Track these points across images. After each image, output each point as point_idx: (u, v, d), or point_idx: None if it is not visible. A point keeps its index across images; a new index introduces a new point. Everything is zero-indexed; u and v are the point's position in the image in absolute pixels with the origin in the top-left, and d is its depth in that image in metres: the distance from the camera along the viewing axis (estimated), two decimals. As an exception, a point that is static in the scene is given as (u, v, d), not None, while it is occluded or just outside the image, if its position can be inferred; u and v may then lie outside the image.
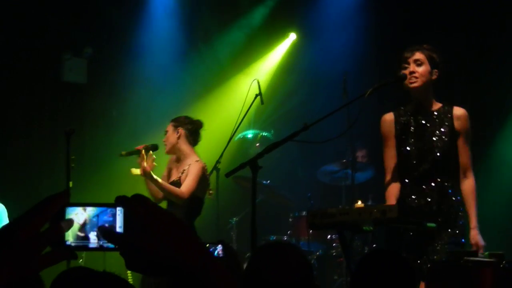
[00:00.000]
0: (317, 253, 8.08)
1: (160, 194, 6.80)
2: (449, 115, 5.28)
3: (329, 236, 8.08)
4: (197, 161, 6.74)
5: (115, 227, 1.40)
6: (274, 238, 8.08)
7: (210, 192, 7.03)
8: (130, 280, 7.12)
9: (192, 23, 10.08)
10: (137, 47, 9.70)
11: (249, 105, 7.17)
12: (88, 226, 1.41)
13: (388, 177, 5.44)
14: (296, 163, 9.66)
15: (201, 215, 8.22)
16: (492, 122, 8.73)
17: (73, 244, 1.41)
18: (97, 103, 9.40)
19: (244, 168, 4.94)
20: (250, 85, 7.31)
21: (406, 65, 5.26)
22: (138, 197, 1.36)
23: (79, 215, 1.41)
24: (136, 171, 6.55)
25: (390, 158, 5.45)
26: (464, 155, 5.30)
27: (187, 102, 9.83)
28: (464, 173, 5.30)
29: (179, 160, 6.90)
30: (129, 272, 7.50)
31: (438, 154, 5.25)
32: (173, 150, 6.89)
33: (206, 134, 8.89)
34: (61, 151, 6.65)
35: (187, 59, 9.99)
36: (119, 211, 1.41)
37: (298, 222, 8.13)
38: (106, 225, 1.40)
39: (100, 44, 9.43)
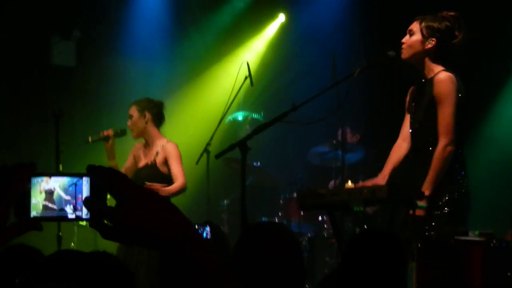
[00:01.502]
0: (308, 235, 8.08)
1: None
2: (431, 82, 5.17)
3: (320, 218, 8.08)
4: (168, 142, 6.74)
5: (82, 197, 1.40)
6: (265, 219, 8.08)
7: None
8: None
9: (180, 5, 10.03)
10: (125, 30, 9.66)
11: (238, 87, 7.15)
12: (57, 197, 1.40)
13: (397, 142, 5.49)
14: (287, 145, 9.65)
15: (192, 198, 8.22)
16: (481, 99, 8.72)
17: (39, 215, 1.40)
18: (86, 86, 9.36)
19: (234, 149, 4.95)
20: (240, 67, 7.28)
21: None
22: (112, 169, 1.36)
23: (45, 184, 1.40)
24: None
25: (402, 128, 5.49)
26: (439, 120, 5.07)
27: (176, 85, 9.81)
28: (438, 139, 5.08)
29: (147, 144, 6.87)
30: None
31: (421, 124, 5.23)
32: (141, 134, 6.86)
33: (196, 117, 8.90)
34: (50, 135, 6.62)
35: (175, 41, 9.95)
36: (86, 181, 1.40)
37: (289, 203, 8.12)
38: (82, 196, 1.40)
39: (89, 27, 9.38)
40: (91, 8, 9.33)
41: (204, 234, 6.05)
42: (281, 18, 10.12)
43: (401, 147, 5.41)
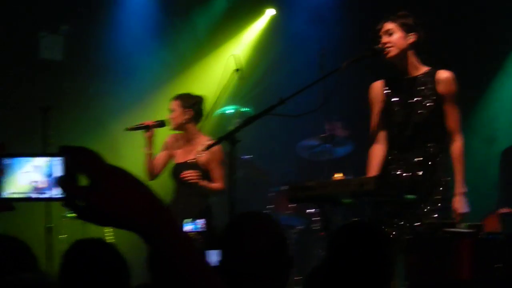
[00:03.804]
0: (298, 228, 8.09)
1: (157, 170, 6.83)
2: (433, 79, 5.24)
3: (310, 210, 8.09)
4: (209, 140, 6.63)
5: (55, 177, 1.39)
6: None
7: None
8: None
9: (170, -2, 10.03)
10: (114, 23, 9.63)
11: (228, 81, 7.15)
12: (30, 176, 1.40)
13: (373, 145, 5.44)
14: (276, 138, 9.65)
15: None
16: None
17: (11, 196, 1.39)
18: (74, 80, 9.34)
19: (222, 142, 4.95)
20: (228, 60, 7.27)
21: (379, 39, 5.26)
22: (85, 149, 1.35)
23: (18, 165, 1.40)
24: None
25: (376, 126, 5.44)
26: (450, 118, 5.24)
27: (165, 78, 9.79)
28: (452, 137, 5.25)
29: (187, 140, 6.88)
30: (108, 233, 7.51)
31: (420, 120, 5.22)
32: (181, 129, 6.87)
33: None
34: (38, 129, 6.61)
35: (165, 35, 9.93)
36: (59, 161, 1.40)
37: (279, 197, 8.14)
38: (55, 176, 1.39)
39: (77, 21, 9.35)
40: (80, 2, 9.30)
41: (198, 227, 6.09)
42: (271, 12, 10.11)
43: (380, 150, 5.40)
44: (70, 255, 3.01)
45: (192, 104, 6.83)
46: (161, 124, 6.82)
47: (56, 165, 1.40)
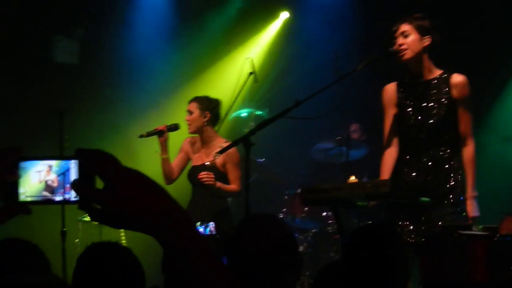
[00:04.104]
0: (313, 231, 8.09)
1: (175, 174, 6.84)
2: (447, 83, 5.23)
3: (324, 213, 8.09)
4: (226, 142, 6.62)
5: (70, 180, 1.40)
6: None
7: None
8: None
9: (184, 2, 10.04)
10: (129, 27, 9.67)
11: (243, 84, 7.16)
12: (46, 180, 1.41)
13: (386, 147, 5.43)
14: (291, 141, 9.65)
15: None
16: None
17: (27, 199, 1.40)
18: (89, 84, 9.38)
19: (237, 145, 4.96)
20: (244, 64, 7.29)
21: (394, 40, 5.26)
22: (101, 152, 1.35)
23: (38, 170, 1.41)
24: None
25: (390, 128, 5.43)
26: (463, 122, 5.23)
27: (180, 82, 9.82)
28: (464, 141, 5.24)
29: (204, 143, 6.87)
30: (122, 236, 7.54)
31: (434, 124, 5.21)
32: (198, 132, 6.83)
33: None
34: (54, 132, 6.64)
35: (178, 38, 9.95)
36: (74, 164, 1.40)
37: (293, 199, 8.13)
38: (71, 179, 1.40)
39: (92, 25, 9.40)
40: (95, 6, 9.34)
41: (208, 230, 6.09)
42: (285, 15, 10.13)
43: (392, 154, 5.39)
44: (85, 259, 3.02)
45: (211, 107, 6.81)
46: (174, 128, 6.80)
47: (71, 168, 1.41)
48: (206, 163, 6.72)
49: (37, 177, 1.41)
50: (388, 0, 9.16)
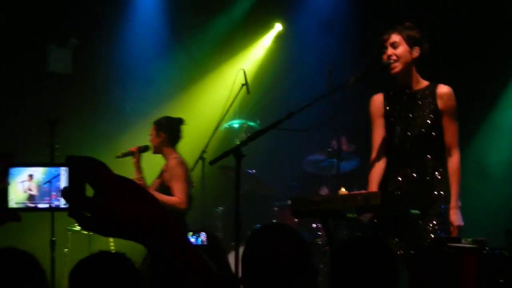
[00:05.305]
0: (303, 242, 8.07)
1: None
2: (433, 94, 5.25)
3: (314, 225, 8.08)
4: (174, 157, 6.92)
5: (60, 187, 1.40)
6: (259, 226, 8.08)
7: (192, 184, 7.12)
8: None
9: (177, 13, 10.06)
10: (122, 38, 9.69)
11: (235, 95, 7.18)
12: (36, 187, 1.41)
13: (373, 158, 5.43)
14: (282, 153, 9.66)
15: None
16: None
17: (18, 206, 1.40)
18: (81, 93, 9.38)
19: (228, 156, 4.95)
20: (236, 75, 7.31)
21: (384, 50, 5.27)
22: (92, 159, 1.34)
23: (25, 175, 1.41)
24: None
25: (377, 139, 5.44)
26: (448, 133, 5.25)
27: (173, 93, 9.83)
28: (449, 152, 5.26)
29: (165, 161, 7.07)
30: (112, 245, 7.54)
31: (419, 134, 5.23)
32: (157, 151, 7.07)
33: (192, 124, 8.88)
34: (46, 141, 6.64)
35: (171, 50, 9.97)
36: (64, 171, 1.40)
37: (284, 211, 8.13)
38: (61, 186, 1.40)
39: (85, 35, 9.41)
40: (88, 16, 9.35)
41: (200, 241, 6.07)
42: (277, 27, 10.16)
43: (380, 165, 5.40)
44: (80, 270, 2.99)
45: (166, 127, 7.02)
46: (144, 149, 7.06)
47: (62, 175, 1.41)
48: (159, 181, 6.97)
49: (21, 186, 1.41)
50: (383, 11, 9.17)
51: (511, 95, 8.82)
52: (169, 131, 7.03)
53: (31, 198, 1.42)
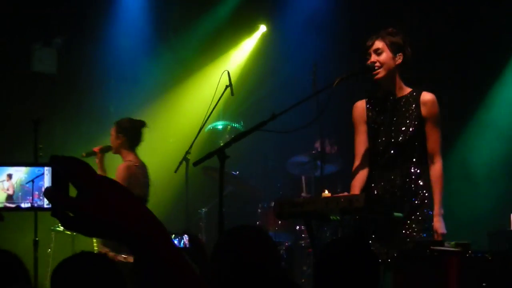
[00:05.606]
0: (286, 244, 8.08)
1: None
2: (417, 101, 5.25)
3: (297, 227, 8.09)
4: (127, 160, 6.97)
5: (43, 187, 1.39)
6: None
7: (146, 189, 7.13)
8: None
9: (162, 13, 10.05)
10: (107, 38, 9.67)
11: (219, 96, 7.17)
12: (18, 187, 1.40)
13: (356, 164, 5.42)
14: (266, 154, 9.66)
15: (170, 206, 8.20)
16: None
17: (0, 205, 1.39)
18: (66, 93, 9.35)
19: (212, 157, 4.94)
20: (220, 76, 7.30)
21: (368, 56, 5.28)
22: (75, 159, 1.34)
23: (6, 175, 1.40)
24: None
25: (360, 145, 5.43)
26: (431, 140, 5.25)
27: (157, 93, 9.82)
28: (432, 159, 5.25)
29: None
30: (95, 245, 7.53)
31: (402, 141, 5.23)
32: (117, 152, 7.13)
33: (176, 125, 8.89)
34: (30, 141, 6.62)
35: (156, 50, 9.96)
36: (47, 171, 1.39)
37: (267, 212, 8.13)
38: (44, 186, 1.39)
39: (70, 35, 9.37)
40: (73, 16, 9.32)
41: (182, 243, 6.06)
42: (262, 29, 10.17)
43: (362, 170, 5.40)
44: (61, 270, 2.98)
45: (124, 129, 7.04)
46: (106, 149, 7.13)
47: (45, 175, 1.40)
48: None
49: (0, 185, 1.41)
50: (369, 13, 9.19)
51: (496, 95, 8.85)
52: (129, 134, 7.06)
53: (8, 198, 1.41)
